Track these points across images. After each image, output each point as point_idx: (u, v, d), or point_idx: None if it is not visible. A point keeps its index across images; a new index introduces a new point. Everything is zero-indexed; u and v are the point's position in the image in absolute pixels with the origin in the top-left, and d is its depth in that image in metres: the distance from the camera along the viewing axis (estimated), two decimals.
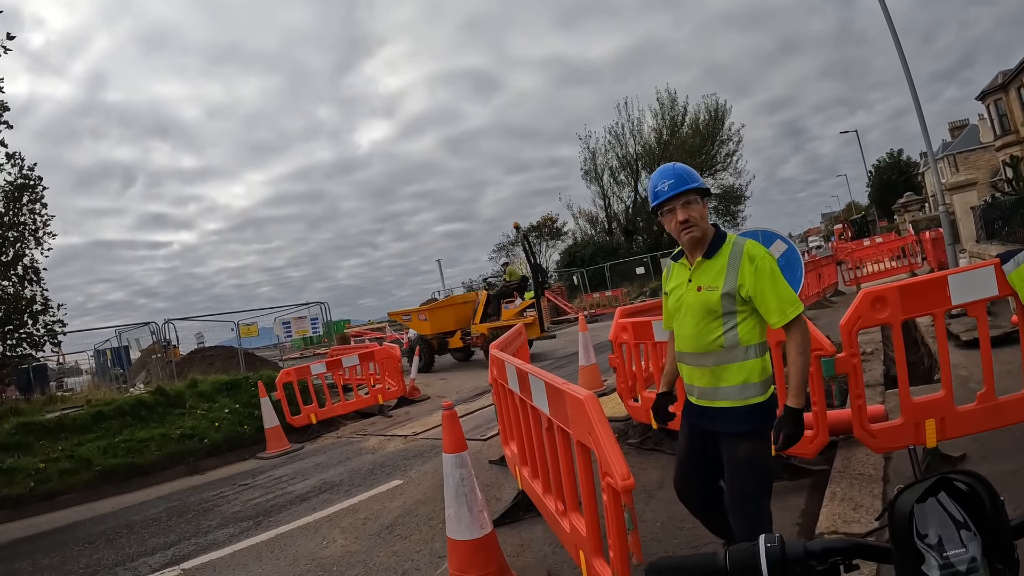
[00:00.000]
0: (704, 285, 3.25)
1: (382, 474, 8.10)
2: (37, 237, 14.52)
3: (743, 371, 3.21)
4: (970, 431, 4.70)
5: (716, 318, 3.21)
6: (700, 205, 3.27)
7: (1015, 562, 1.08)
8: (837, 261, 22.96)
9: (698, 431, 3.43)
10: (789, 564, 1.20)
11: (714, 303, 3.20)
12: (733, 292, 3.16)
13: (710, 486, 3.51)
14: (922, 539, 1.09)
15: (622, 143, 53.15)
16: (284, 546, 6.09)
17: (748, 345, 3.21)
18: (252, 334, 21.18)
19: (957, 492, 1.12)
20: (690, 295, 3.32)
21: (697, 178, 3.29)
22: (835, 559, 1.22)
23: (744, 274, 3.14)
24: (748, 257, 3.16)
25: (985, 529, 1.08)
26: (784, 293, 3.14)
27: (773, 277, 3.14)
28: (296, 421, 12.11)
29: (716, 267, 3.24)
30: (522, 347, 7.81)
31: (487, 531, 4.12)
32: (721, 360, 3.23)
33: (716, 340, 3.22)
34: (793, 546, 1.22)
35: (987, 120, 48.33)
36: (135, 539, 7.13)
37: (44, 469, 9.96)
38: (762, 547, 1.21)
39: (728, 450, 3.26)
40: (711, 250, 3.27)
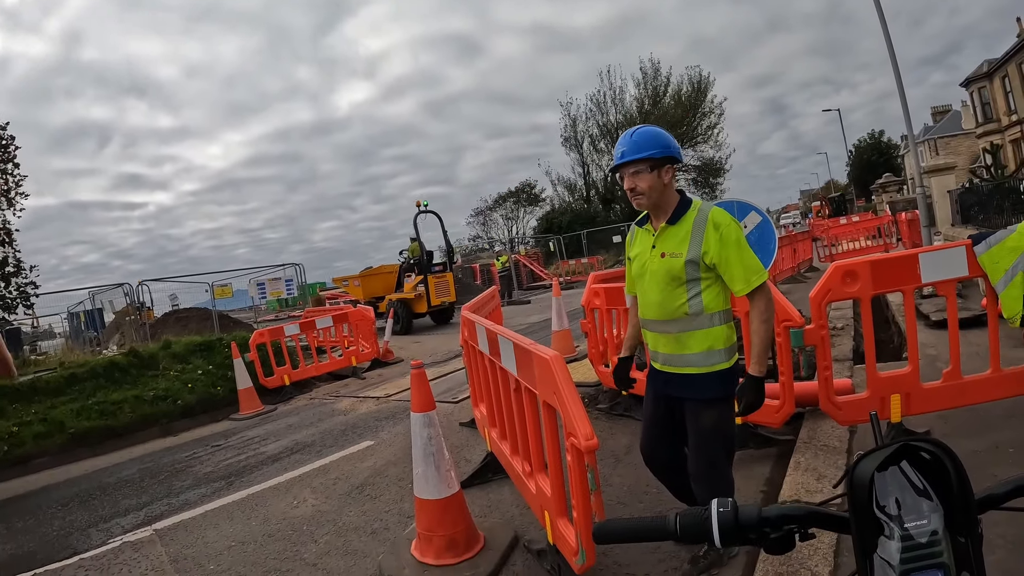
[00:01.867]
0: (668, 251, 3.21)
1: (353, 435, 8.13)
2: (9, 198, 14.36)
3: (708, 338, 3.20)
4: (935, 408, 4.77)
5: (680, 285, 3.18)
6: (650, 175, 3.18)
7: (978, 536, 1.04)
8: (813, 237, 23.13)
9: (663, 397, 3.42)
10: (742, 530, 1.18)
11: (678, 270, 3.16)
12: (697, 259, 3.13)
13: (676, 452, 3.51)
14: (881, 508, 1.05)
15: (603, 111, 53.16)
16: (255, 506, 6.10)
17: (712, 312, 3.20)
18: (227, 295, 21.02)
19: (920, 461, 1.07)
20: (654, 261, 3.28)
21: (654, 146, 3.18)
22: (791, 527, 1.19)
23: (709, 241, 3.11)
24: (713, 224, 3.13)
25: (948, 501, 1.03)
26: (749, 261, 3.12)
27: (739, 245, 3.12)
28: (269, 383, 12.09)
29: (680, 233, 3.20)
30: (495, 310, 7.83)
31: (454, 491, 4.15)
32: (686, 327, 3.21)
33: (680, 307, 3.20)
34: (747, 512, 1.18)
35: (970, 107, 48.62)
36: (108, 501, 7.11)
37: (17, 433, 9.88)
38: (714, 512, 1.19)
39: (693, 417, 3.27)
40: (675, 216, 3.23)
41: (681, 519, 1.23)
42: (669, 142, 3.23)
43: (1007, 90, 42.41)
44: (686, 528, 1.22)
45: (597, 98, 53.40)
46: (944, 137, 55.10)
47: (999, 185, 16.94)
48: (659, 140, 3.20)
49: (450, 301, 21.09)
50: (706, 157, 53.16)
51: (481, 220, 64.27)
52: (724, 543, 1.18)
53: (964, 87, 47.84)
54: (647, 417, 3.58)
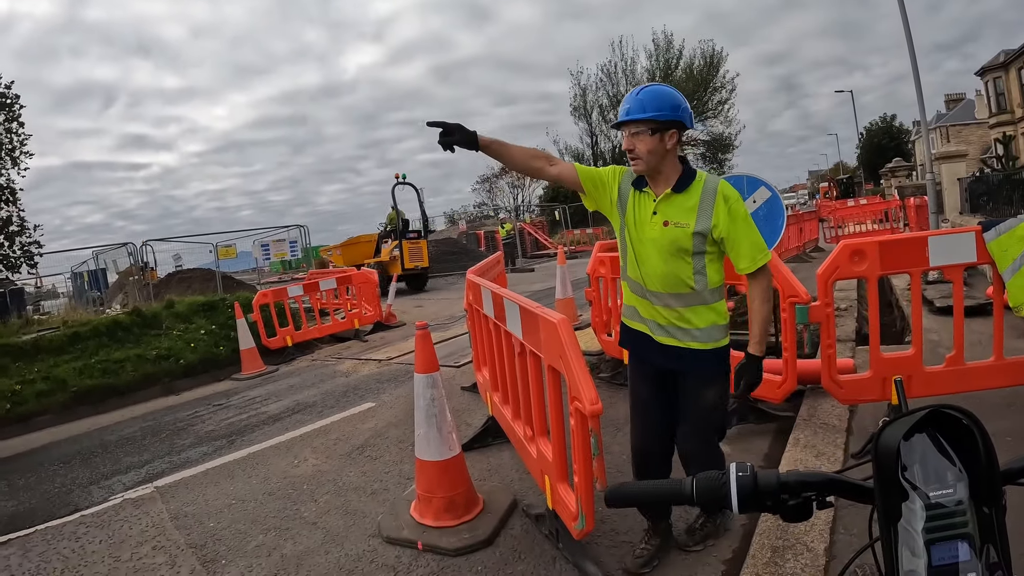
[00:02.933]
0: (673, 220, 3.05)
1: (355, 397, 8.18)
2: (13, 157, 14.31)
3: (711, 313, 3.12)
4: (936, 392, 4.74)
5: (686, 256, 3.05)
6: (651, 138, 2.98)
7: (1002, 508, 1.02)
8: (820, 218, 23.08)
9: (660, 373, 3.30)
10: (760, 496, 1.16)
11: (684, 241, 3.02)
12: (706, 232, 3.01)
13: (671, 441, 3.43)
14: (906, 477, 1.03)
15: (614, 82, 52.54)
16: (256, 464, 6.13)
17: (715, 287, 3.12)
18: (230, 256, 20.99)
19: (947, 429, 1.05)
20: (654, 229, 3.09)
21: (660, 107, 2.98)
22: (809, 494, 1.17)
23: (719, 214, 2.99)
24: (723, 197, 3.00)
25: (974, 471, 1.02)
26: (755, 239, 3.04)
27: (747, 221, 3.03)
28: (272, 343, 12.13)
29: (687, 203, 3.04)
30: (500, 275, 7.84)
31: (455, 453, 4.17)
32: (691, 302, 3.10)
33: (686, 280, 3.07)
34: (766, 477, 1.17)
35: (984, 96, 48.28)
36: (110, 458, 7.14)
37: (20, 391, 9.90)
38: (733, 476, 1.17)
39: (693, 394, 3.21)
40: (681, 185, 3.07)
41: (698, 483, 1.21)
42: (678, 104, 3.01)
43: (1022, 81, 42.12)
44: (703, 493, 1.20)
45: (608, 68, 52.87)
46: (956, 125, 54.70)
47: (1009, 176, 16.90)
48: (667, 101, 3.00)
49: (423, 266, 22.18)
50: (715, 132, 52.77)
51: (487, 187, 64.37)
52: (742, 509, 1.17)
53: (979, 76, 47.48)
54: (643, 403, 3.44)
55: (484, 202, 64.08)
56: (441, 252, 31.86)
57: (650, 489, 1.33)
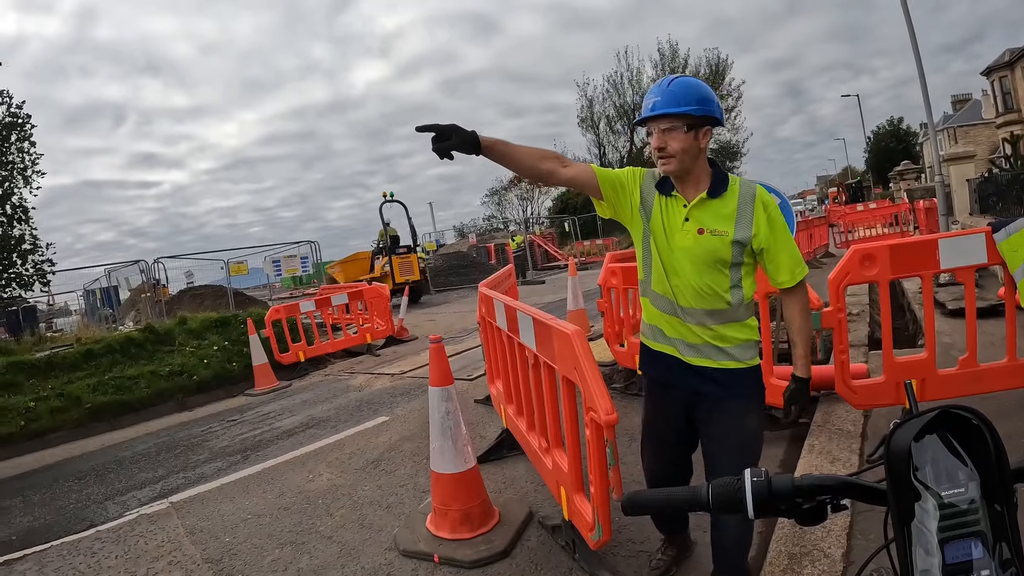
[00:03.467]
0: (708, 228, 2.73)
1: (368, 411, 8.19)
2: (26, 176, 14.45)
3: (745, 331, 2.84)
4: (950, 395, 4.73)
5: (723, 269, 2.76)
6: (685, 135, 2.68)
7: (1014, 505, 1.04)
8: (829, 223, 23.01)
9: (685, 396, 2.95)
10: (775, 500, 1.19)
11: (723, 251, 2.72)
12: (745, 241, 2.72)
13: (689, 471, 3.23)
14: (918, 477, 1.05)
15: (620, 92, 52.74)
16: (271, 479, 6.15)
17: (748, 303, 2.85)
18: (242, 272, 21.11)
19: (957, 429, 1.07)
20: (687, 237, 2.77)
21: (693, 101, 2.67)
22: (823, 497, 1.19)
23: (759, 223, 2.70)
24: (762, 204, 2.72)
25: (985, 470, 1.04)
26: (795, 250, 2.81)
27: (786, 230, 2.78)
28: (284, 359, 12.16)
29: (724, 209, 2.74)
30: (511, 288, 7.85)
31: (471, 465, 4.18)
32: (727, 319, 2.81)
33: (723, 295, 2.78)
34: (780, 482, 1.19)
35: (990, 96, 48.13)
36: (124, 474, 7.18)
37: (34, 408, 9.97)
38: (748, 481, 1.20)
39: (729, 421, 2.85)
40: (716, 188, 2.76)
41: (714, 489, 1.24)
42: (711, 98, 2.73)
43: None
44: (718, 498, 1.23)
45: (614, 79, 53.08)
46: (964, 126, 54.46)
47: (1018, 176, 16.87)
48: (700, 94, 2.70)
49: (414, 280, 23.17)
50: (723, 140, 52.84)
51: (496, 200, 64.42)
52: (757, 514, 1.19)
53: (985, 76, 47.35)
54: (661, 432, 3.15)
55: (493, 215, 64.23)
56: (452, 265, 32.09)
57: (666, 496, 1.36)
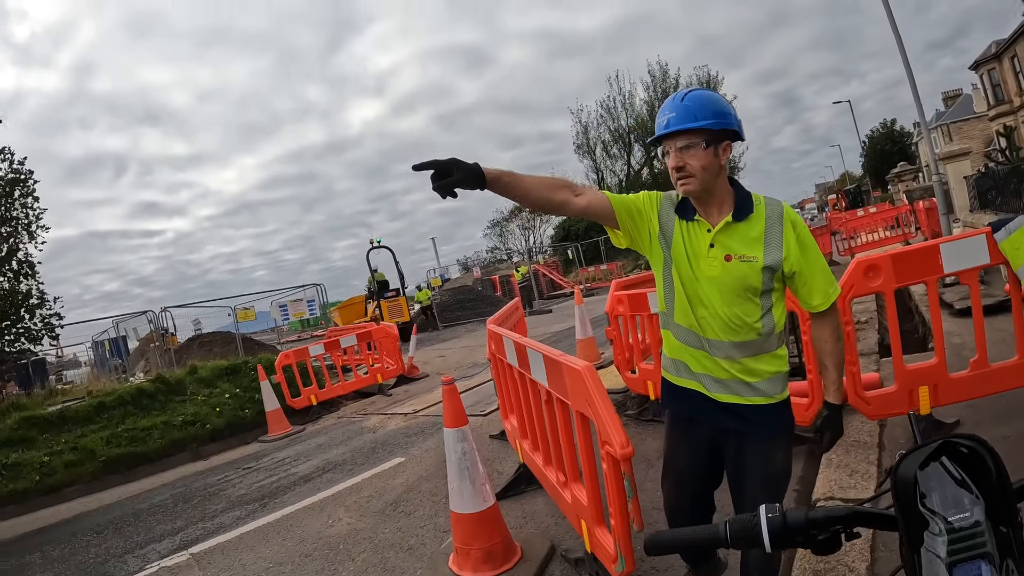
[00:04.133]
0: (736, 254, 2.53)
1: (384, 452, 8.16)
2: (30, 231, 14.54)
3: (775, 362, 2.65)
4: (963, 398, 4.75)
5: (753, 297, 2.56)
6: (704, 152, 2.48)
7: (1019, 525, 1.07)
8: (831, 231, 22.99)
9: (711, 433, 2.78)
10: (791, 533, 1.23)
11: (753, 278, 2.51)
12: (776, 266, 2.51)
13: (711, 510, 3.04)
14: (925, 504, 1.09)
15: (614, 116, 53.46)
16: (290, 526, 6.15)
17: (779, 332, 2.65)
18: (249, 318, 21.20)
19: (959, 456, 1.11)
20: (713, 266, 2.58)
21: (711, 115, 2.47)
22: (837, 527, 1.23)
23: (789, 244, 2.51)
24: (791, 223, 2.53)
25: (988, 493, 1.08)
26: (827, 270, 2.60)
27: (817, 250, 2.58)
28: (297, 403, 12.17)
29: (752, 232, 2.54)
30: (519, 322, 7.87)
31: (490, 504, 4.18)
32: (757, 350, 2.61)
33: (753, 327, 2.58)
34: (794, 515, 1.23)
35: (981, 90, 48.34)
36: (143, 527, 7.19)
37: (49, 462, 10.01)
38: (763, 517, 1.24)
39: (757, 457, 2.68)
40: (742, 210, 2.56)
41: (731, 526, 1.28)
42: (729, 111, 2.54)
43: (1017, 70, 42.27)
44: (736, 534, 1.27)
45: (607, 103, 53.86)
46: (957, 122, 54.54)
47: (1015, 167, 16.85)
48: (717, 107, 2.52)
49: (403, 321, 24.40)
50: None
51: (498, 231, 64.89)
52: (774, 547, 1.23)
53: (973, 70, 47.59)
54: (683, 472, 2.95)
55: (496, 246, 64.64)
56: (458, 300, 32.40)
57: (687, 535, 1.41)
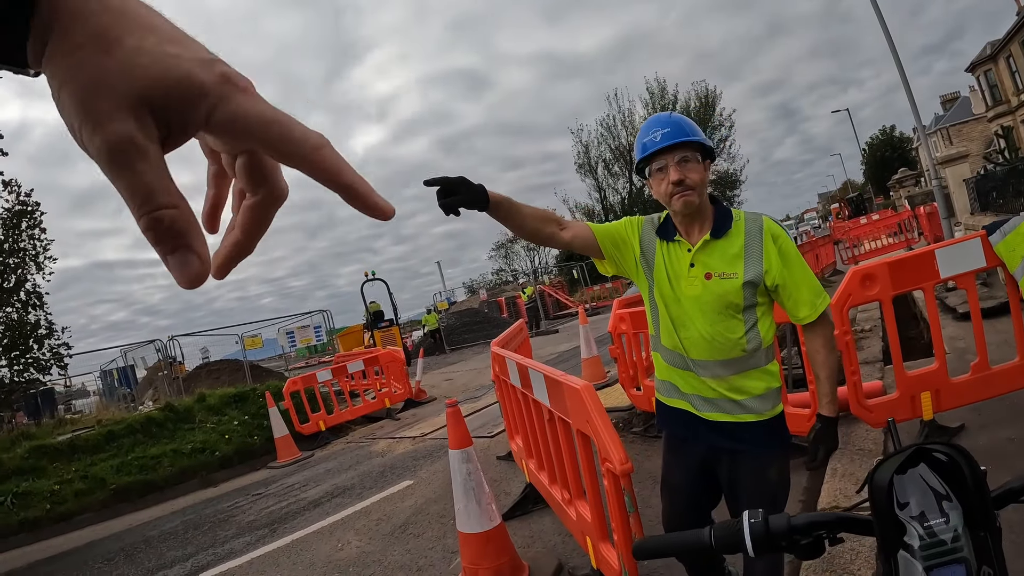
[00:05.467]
0: (716, 271, 2.54)
1: (392, 476, 8.19)
2: (38, 262, 14.63)
3: (765, 378, 2.61)
4: (966, 402, 4.76)
5: (736, 314, 2.54)
6: (699, 165, 2.55)
7: (997, 530, 1.09)
8: (835, 240, 23.00)
9: (703, 453, 2.77)
10: (773, 539, 1.25)
11: (734, 295, 2.51)
12: (758, 280, 2.50)
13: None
14: (903, 510, 1.11)
15: (614, 135, 53.54)
16: (300, 551, 6.18)
17: (768, 347, 2.61)
18: (257, 346, 21.25)
19: (937, 463, 1.13)
20: (694, 286, 2.59)
21: (699, 132, 2.57)
22: (820, 533, 1.25)
23: (770, 258, 2.49)
24: (771, 236, 2.52)
25: (966, 499, 1.09)
26: (813, 280, 2.57)
27: (800, 260, 2.55)
28: (305, 429, 12.21)
29: (732, 248, 2.54)
30: (524, 343, 7.90)
31: (496, 523, 4.21)
32: (743, 367, 2.58)
33: (738, 343, 2.55)
34: (777, 521, 1.25)
35: (978, 91, 48.37)
36: (153, 553, 7.23)
37: (59, 491, 10.06)
38: (746, 523, 1.26)
39: (751, 477, 2.65)
40: (720, 227, 2.57)
41: (715, 531, 1.31)
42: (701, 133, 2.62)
43: (1013, 70, 42.32)
44: (720, 539, 1.30)
45: (607, 122, 53.97)
46: (956, 124, 54.55)
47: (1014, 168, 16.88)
48: (698, 128, 2.61)
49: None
50: (720, 170, 53.40)
51: (503, 253, 65.00)
52: (757, 552, 1.25)
53: (970, 72, 47.60)
54: (677, 487, 2.94)
55: (502, 268, 64.79)
56: (464, 322, 32.70)
57: (673, 541, 1.45)
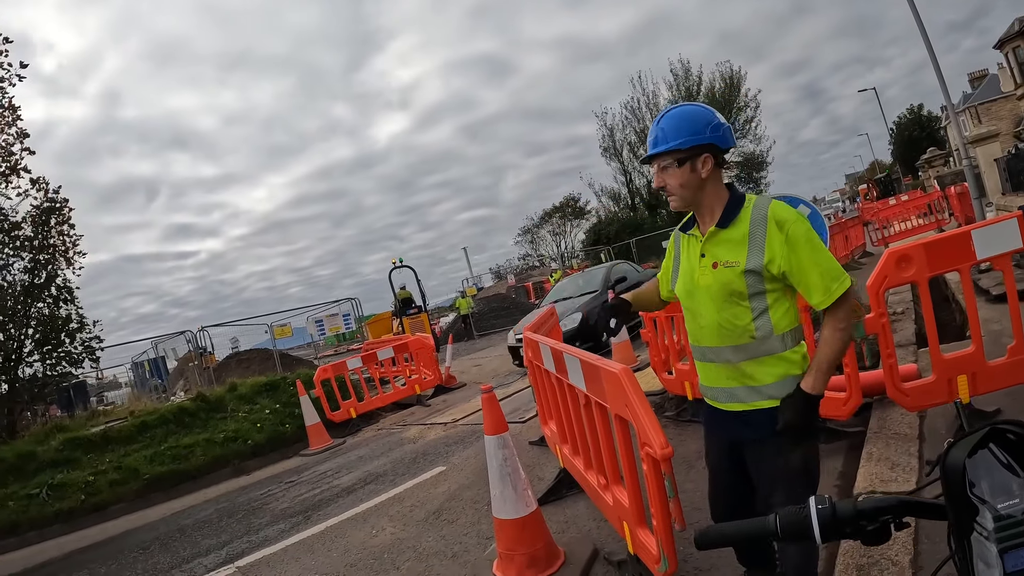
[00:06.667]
0: (721, 261, 2.60)
1: (425, 462, 8.22)
2: (68, 258, 14.78)
3: (781, 365, 2.60)
4: (1002, 385, 4.68)
5: (742, 301, 2.59)
6: (679, 170, 2.62)
7: None
8: (864, 222, 22.73)
9: (727, 446, 2.83)
10: (840, 524, 1.24)
11: (736, 283, 2.56)
12: (760, 268, 2.53)
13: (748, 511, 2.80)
14: (974, 492, 1.09)
15: (639, 117, 53.34)
16: (334, 538, 6.23)
17: (784, 332, 2.60)
18: (286, 335, 21.45)
19: (1007, 443, 1.11)
20: (705, 275, 2.67)
21: (683, 133, 2.60)
22: (886, 518, 1.24)
23: (773, 245, 2.50)
24: (776, 223, 2.51)
25: None
26: (827, 264, 2.50)
27: (811, 245, 2.50)
28: (336, 417, 12.30)
29: (736, 237, 2.59)
30: (555, 327, 7.90)
31: (532, 509, 4.23)
32: (754, 354, 2.61)
33: (745, 329, 2.60)
34: (844, 506, 1.25)
35: (1007, 69, 47.36)
36: (188, 542, 7.33)
37: (93, 482, 10.23)
38: (813, 509, 1.26)
39: (770, 460, 2.62)
40: (726, 217, 2.63)
41: (781, 518, 1.30)
42: (706, 123, 2.62)
43: None
44: (786, 527, 1.29)
45: (631, 105, 53.82)
46: (984, 103, 53.68)
47: None
48: (691, 124, 2.61)
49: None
50: (747, 152, 53.10)
51: (529, 238, 65.07)
52: (824, 539, 1.25)
53: (998, 49, 46.64)
54: (714, 468, 3.01)
55: (528, 253, 64.77)
56: (492, 308, 33.00)
57: (736, 529, 1.42)
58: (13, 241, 14.00)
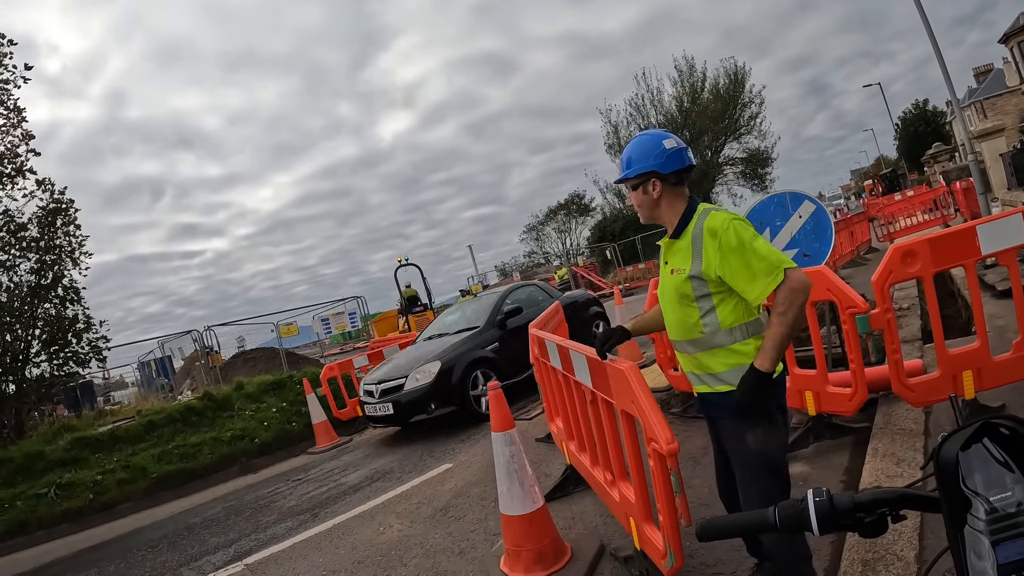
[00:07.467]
0: (676, 268, 2.95)
1: (432, 459, 8.23)
2: (74, 258, 14.80)
3: (732, 356, 2.85)
4: (1007, 381, 4.70)
5: (690, 302, 2.90)
6: (634, 193, 3.06)
7: None
8: (869, 218, 22.69)
9: (712, 425, 3.19)
10: (838, 517, 1.26)
11: (684, 287, 2.89)
12: (700, 274, 2.82)
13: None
14: (967, 485, 1.10)
15: (643, 114, 53.21)
16: (342, 535, 6.25)
17: (732, 328, 2.85)
18: (292, 333, 21.48)
19: (1000, 437, 1.11)
20: (666, 279, 3.06)
21: (628, 163, 3.04)
22: (883, 510, 1.26)
23: (708, 253, 2.78)
24: (709, 233, 2.79)
25: None
26: (757, 265, 2.69)
27: (741, 249, 2.71)
28: (343, 414, 12.32)
29: (683, 247, 2.93)
30: (561, 324, 7.90)
31: (539, 505, 4.23)
32: (705, 346, 2.92)
33: (695, 326, 2.92)
34: (842, 499, 1.26)
35: (1012, 63, 47.20)
36: (196, 540, 7.35)
37: (101, 481, 10.26)
38: (811, 501, 1.27)
39: (735, 439, 2.89)
40: (679, 229, 2.97)
41: (779, 511, 1.31)
42: (649, 151, 2.97)
43: None
44: (785, 519, 1.30)
45: (636, 101, 53.66)
46: (990, 97, 53.39)
47: None
48: (640, 153, 3.00)
49: None
50: (752, 148, 53.00)
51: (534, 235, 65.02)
52: (822, 531, 1.27)
53: (1003, 43, 46.47)
54: (714, 453, 3.31)
55: (533, 250, 64.69)
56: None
57: (736, 521, 1.44)
58: (20, 242, 14.03)
